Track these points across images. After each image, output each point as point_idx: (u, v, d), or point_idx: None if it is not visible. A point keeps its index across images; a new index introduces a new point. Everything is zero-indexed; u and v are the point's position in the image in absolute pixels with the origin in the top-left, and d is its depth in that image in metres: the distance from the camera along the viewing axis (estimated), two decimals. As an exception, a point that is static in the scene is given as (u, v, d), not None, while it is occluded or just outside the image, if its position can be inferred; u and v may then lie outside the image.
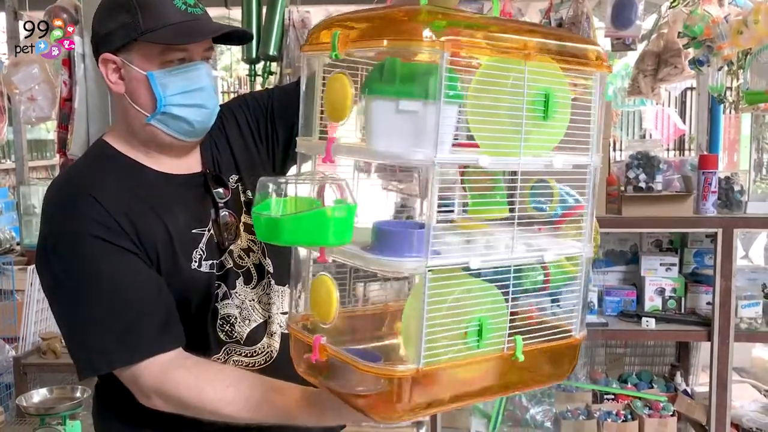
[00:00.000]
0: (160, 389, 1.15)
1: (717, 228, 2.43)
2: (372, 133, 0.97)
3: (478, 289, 0.99)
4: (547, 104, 0.96)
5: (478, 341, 0.97)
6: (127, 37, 1.19)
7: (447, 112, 0.93)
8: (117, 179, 1.24)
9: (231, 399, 1.13)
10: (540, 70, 0.97)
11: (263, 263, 1.34)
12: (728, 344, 2.47)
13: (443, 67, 0.87)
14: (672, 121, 6.77)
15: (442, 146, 0.92)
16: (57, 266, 1.18)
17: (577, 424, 2.64)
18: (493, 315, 0.99)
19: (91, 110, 3.01)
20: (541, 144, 1.00)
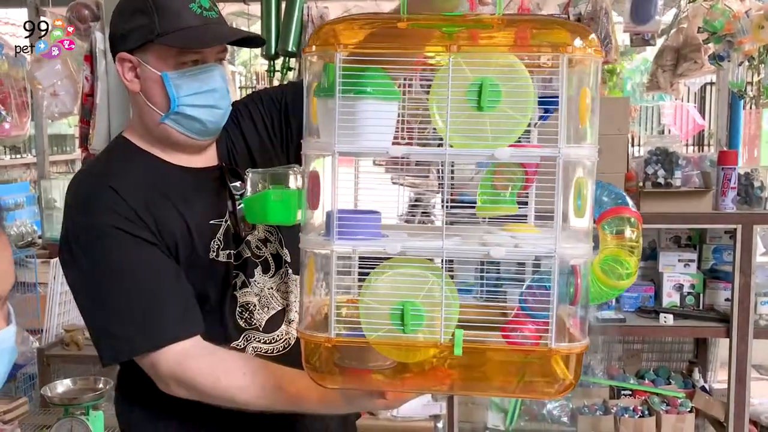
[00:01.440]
0: (178, 376, 1.18)
1: (736, 224, 2.41)
2: (319, 128, 1.07)
3: (419, 276, 1.01)
4: (480, 94, 0.95)
5: (402, 325, 0.99)
6: (143, 38, 1.23)
7: (382, 108, 1.03)
8: (136, 173, 1.27)
9: (246, 386, 1.16)
10: (484, 61, 0.96)
11: (281, 253, 1.37)
12: (747, 341, 2.45)
13: (338, 66, 0.98)
14: (691, 117, 6.72)
15: (360, 138, 1.01)
16: (79, 257, 1.21)
17: (594, 420, 2.63)
18: (431, 303, 0.99)
19: (113, 105, 3.05)
20: (501, 135, 0.97)
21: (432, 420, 2.37)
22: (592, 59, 0.98)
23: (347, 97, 1.01)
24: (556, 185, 0.97)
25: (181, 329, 1.19)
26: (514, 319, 1.06)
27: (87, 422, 2.29)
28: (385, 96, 1.04)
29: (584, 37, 0.97)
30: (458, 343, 1.00)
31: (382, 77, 1.03)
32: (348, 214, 1.06)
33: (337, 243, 1.02)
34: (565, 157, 0.97)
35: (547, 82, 1.03)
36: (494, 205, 1.09)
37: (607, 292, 1.03)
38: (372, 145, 1.04)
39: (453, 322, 1.01)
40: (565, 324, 1.03)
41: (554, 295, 0.98)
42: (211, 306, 1.27)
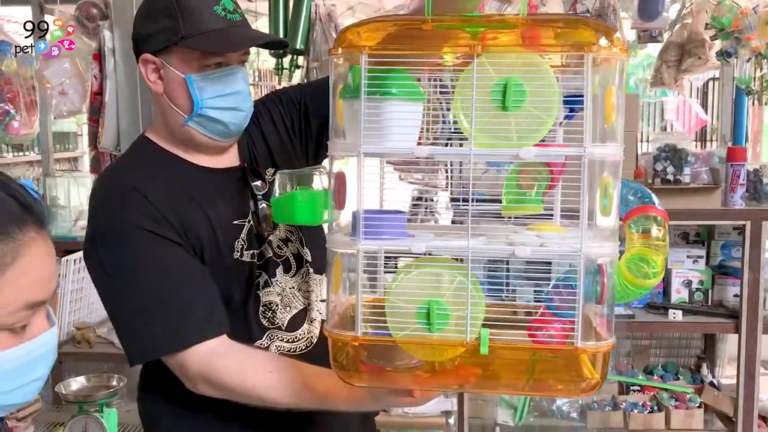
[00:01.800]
0: (206, 375, 1.19)
1: (745, 220, 2.43)
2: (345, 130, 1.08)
3: (445, 275, 1.02)
4: (504, 94, 0.96)
5: (428, 324, 1.00)
6: (167, 41, 1.23)
7: (407, 108, 1.04)
8: (161, 174, 1.28)
9: (274, 385, 1.17)
10: (509, 61, 0.97)
11: (302, 253, 1.38)
12: (756, 336, 2.47)
13: (363, 68, 0.99)
14: (694, 112, 6.72)
15: (385, 139, 1.02)
16: (106, 258, 1.22)
17: (603, 415, 2.65)
18: (458, 302, 1.00)
19: (121, 104, 3.06)
20: (525, 135, 0.97)
21: (444, 416, 2.38)
22: (617, 58, 0.99)
23: (373, 98, 1.02)
24: (582, 184, 0.98)
25: (209, 328, 1.20)
26: (540, 318, 1.07)
27: (101, 419, 2.30)
28: (410, 97, 1.05)
29: (609, 36, 0.98)
30: (484, 342, 1.01)
31: (407, 78, 1.05)
32: (374, 214, 1.07)
33: (364, 242, 1.03)
34: (590, 156, 0.97)
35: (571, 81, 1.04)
36: (520, 204, 1.10)
37: (634, 291, 1.04)
38: (397, 146, 1.05)
39: (478, 321, 1.03)
40: (592, 323, 1.04)
41: (580, 294, 0.99)
42: (236, 305, 1.28)
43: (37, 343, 0.80)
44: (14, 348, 0.78)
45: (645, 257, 1.03)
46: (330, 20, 3.03)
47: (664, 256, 1.04)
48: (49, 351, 0.82)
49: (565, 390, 1.07)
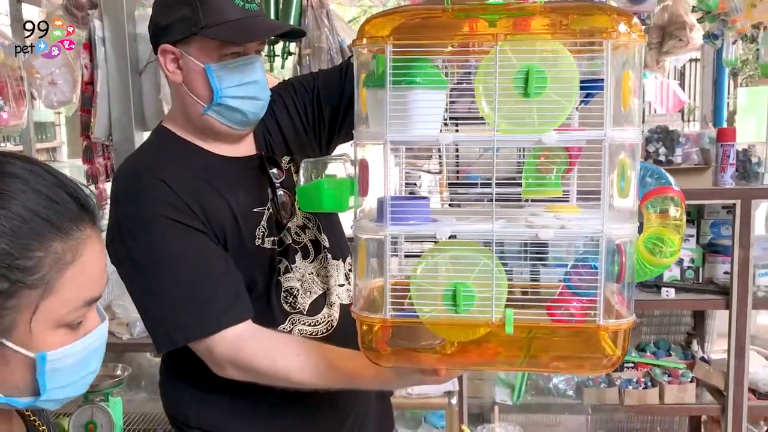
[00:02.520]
0: (235, 359, 1.21)
1: (735, 199, 2.49)
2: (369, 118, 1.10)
3: (469, 257, 1.04)
4: (527, 81, 0.98)
5: (454, 306, 1.03)
6: (186, 31, 1.24)
7: (431, 96, 1.06)
8: (182, 163, 1.30)
9: (301, 366, 1.20)
10: (528, 48, 0.99)
11: (319, 239, 1.40)
12: (746, 312, 2.54)
13: (388, 59, 1.01)
14: (673, 93, 6.80)
15: (410, 127, 1.04)
16: (131, 247, 1.23)
17: (599, 392, 2.71)
18: (483, 284, 1.03)
19: (113, 93, 3.04)
20: (547, 120, 1.00)
21: (446, 396, 2.42)
22: (636, 44, 1.01)
23: (397, 87, 1.04)
24: (603, 168, 1.00)
25: (235, 314, 1.22)
26: (559, 297, 1.10)
27: (108, 409, 2.32)
28: (434, 85, 1.07)
29: (628, 22, 1.01)
30: (509, 322, 1.04)
31: (431, 67, 1.07)
32: (399, 200, 1.10)
33: (391, 228, 1.06)
34: (610, 140, 1.00)
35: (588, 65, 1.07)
36: (539, 188, 1.13)
37: (651, 269, 1.08)
38: (422, 134, 1.08)
39: (502, 301, 1.06)
40: (611, 301, 1.08)
41: (602, 274, 1.02)
42: (259, 292, 1.30)
43: (92, 338, 0.81)
44: (73, 344, 0.79)
45: (662, 236, 1.07)
46: (322, 6, 3.03)
47: (681, 235, 1.08)
48: (102, 344, 0.83)
49: (588, 366, 1.11)
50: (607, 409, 2.74)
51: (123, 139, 3.06)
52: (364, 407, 1.43)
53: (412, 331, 1.11)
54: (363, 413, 1.43)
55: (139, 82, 3.06)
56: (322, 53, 3.00)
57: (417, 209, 1.12)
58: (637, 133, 1.04)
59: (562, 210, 1.14)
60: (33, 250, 0.73)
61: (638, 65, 1.04)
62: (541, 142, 1.02)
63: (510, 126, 1.03)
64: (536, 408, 2.82)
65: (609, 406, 2.72)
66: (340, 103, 1.43)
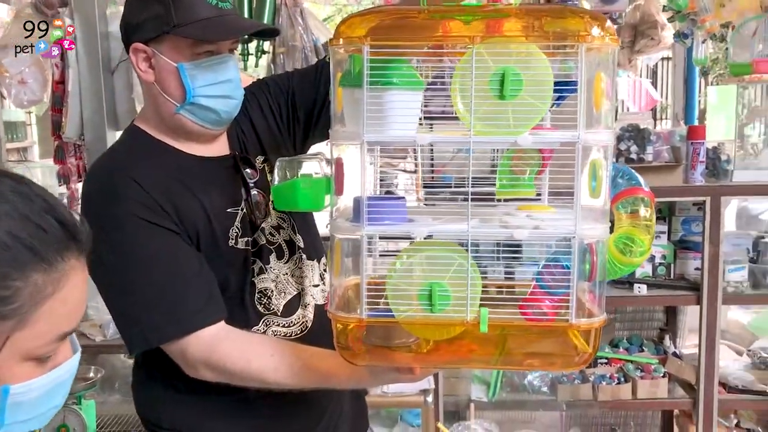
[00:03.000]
0: (208, 360, 1.21)
1: (705, 196, 2.52)
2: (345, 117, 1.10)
3: (444, 257, 1.05)
4: (502, 83, 0.98)
5: (430, 305, 1.04)
6: (159, 29, 1.23)
7: (407, 97, 1.06)
8: (154, 162, 1.29)
9: (276, 367, 1.19)
10: (504, 51, 1.00)
11: (294, 239, 1.40)
12: (716, 307, 2.58)
13: (365, 59, 1.01)
14: (646, 92, 6.89)
15: (387, 127, 1.04)
16: (103, 248, 1.21)
17: (573, 388, 2.74)
18: (458, 283, 1.04)
19: (84, 92, 3.01)
20: (521, 122, 1.00)
21: (422, 394, 2.43)
22: (609, 47, 1.02)
23: (374, 87, 1.04)
24: (576, 170, 1.01)
25: (209, 314, 1.22)
26: (531, 296, 1.11)
27: (80, 411, 2.29)
28: (410, 86, 1.08)
29: (601, 26, 1.01)
30: (484, 321, 1.04)
31: (407, 67, 1.08)
32: (375, 200, 1.10)
33: (367, 228, 1.06)
34: (583, 142, 1.01)
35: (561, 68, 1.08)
36: (513, 189, 1.14)
37: (622, 268, 1.09)
38: (399, 134, 1.08)
39: (476, 300, 1.07)
40: (582, 300, 1.09)
41: (574, 273, 1.03)
42: (232, 292, 1.30)
43: (60, 371, 0.77)
44: (38, 378, 0.75)
45: (633, 236, 1.08)
46: (296, 5, 3.02)
47: (652, 235, 1.09)
48: (71, 377, 0.79)
49: (560, 364, 1.12)
50: (581, 405, 2.77)
51: (95, 138, 3.03)
52: (338, 407, 1.43)
53: (386, 329, 1.12)
54: (337, 413, 1.43)
55: (111, 81, 3.03)
56: (297, 52, 2.99)
57: (393, 209, 1.12)
58: (609, 134, 1.05)
59: (536, 210, 1.15)
60: (12, 279, 0.69)
61: (611, 68, 1.05)
62: (516, 143, 1.03)
63: (486, 128, 1.03)
64: (511, 405, 2.84)
65: (583, 401, 2.74)
66: (315, 103, 1.43)
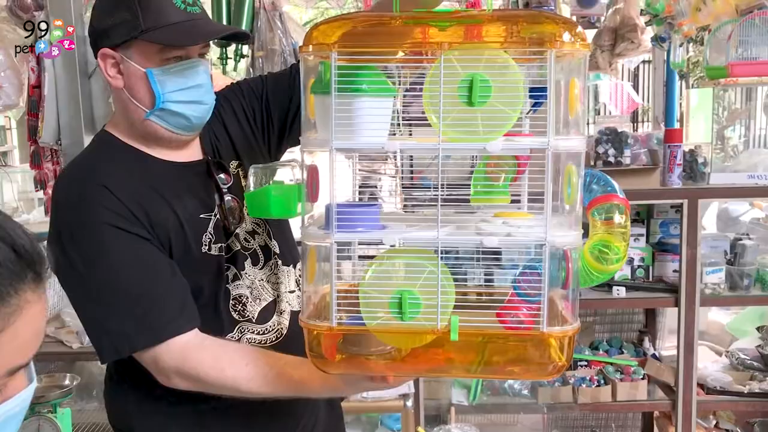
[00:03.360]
0: (181, 369, 1.19)
1: (683, 199, 2.54)
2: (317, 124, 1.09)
3: (415, 264, 1.04)
4: (471, 90, 0.98)
5: (400, 313, 1.03)
6: (127, 35, 1.22)
7: (377, 104, 1.06)
8: (125, 168, 1.27)
9: (250, 376, 1.18)
10: (473, 57, 0.99)
11: (269, 245, 1.39)
12: (694, 309, 2.59)
13: (333, 66, 1.00)
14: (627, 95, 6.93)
15: (357, 134, 1.04)
16: (74, 256, 1.20)
17: (553, 391, 2.74)
18: (429, 291, 1.03)
19: (61, 96, 2.97)
20: (492, 129, 1.00)
21: (402, 398, 2.43)
22: (580, 53, 1.02)
23: (344, 95, 1.03)
24: (546, 176, 1.00)
25: (181, 322, 1.20)
26: (508, 304, 1.10)
27: (55, 420, 2.26)
28: (380, 93, 1.07)
29: (572, 32, 1.01)
30: (454, 329, 1.03)
31: (377, 74, 1.07)
32: (347, 207, 1.09)
33: (337, 235, 1.05)
34: (554, 148, 1.00)
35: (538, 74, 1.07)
36: (488, 195, 1.13)
37: (597, 276, 1.08)
38: (368, 141, 1.07)
39: (449, 308, 1.06)
40: (558, 307, 1.09)
41: (546, 281, 1.02)
42: (206, 299, 1.28)
43: (9, 405, 0.72)
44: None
45: (608, 243, 1.08)
46: (274, 9, 3.01)
47: (627, 243, 1.08)
48: (23, 410, 0.74)
49: (534, 373, 1.11)
50: (562, 408, 2.77)
51: (72, 143, 2.99)
52: (312, 415, 1.42)
53: (362, 337, 1.11)
54: (312, 421, 1.42)
55: (88, 85, 3.00)
56: (275, 55, 2.98)
57: (365, 216, 1.11)
58: (581, 141, 1.04)
59: (513, 216, 1.15)
60: None
61: (583, 74, 1.05)
62: (486, 150, 1.02)
63: (456, 134, 1.03)
64: (492, 408, 2.84)
65: (563, 404, 2.75)
66: (290, 107, 1.42)
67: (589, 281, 1.08)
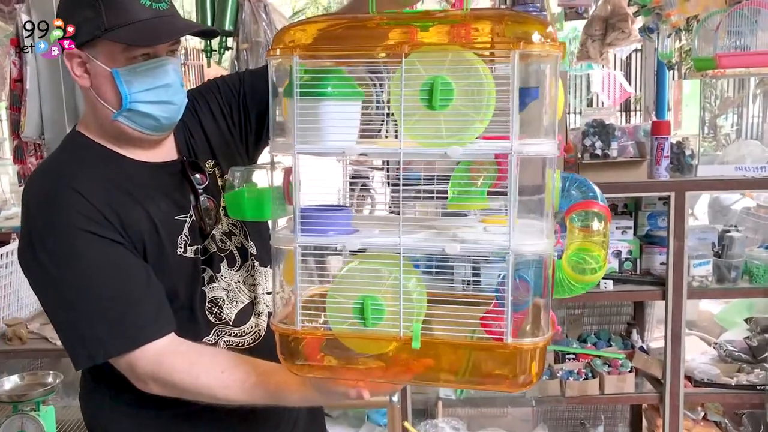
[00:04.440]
0: (156, 375, 1.17)
1: (670, 191, 2.53)
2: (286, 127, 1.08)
3: (385, 271, 1.03)
4: (431, 93, 0.95)
5: (363, 319, 1.02)
6: (90, 33, 1.18)
7: (344, 107, 1.05)
8: (97, 171, 1.24)
9: (226, 384, 1.16)
10: (439, 59, 0.96)
11: (246, 246, 1.37)
12: (682, 302, 2.59)
13: (295, 70, 1.00)
14: (619, 84, 6.91)
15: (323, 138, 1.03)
16: (45, 260, 1.18)
17: (541, 384, 2.74)
18: (396, 297, 1.02)
19: (43, 90, 2.94)
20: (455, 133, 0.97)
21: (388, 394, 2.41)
22: (551, 54, 0.97)
23: (309, 99, 1.02)
24: (509, 182, 0.96)
25: (157, 328, 1.18)
26: (491, 312, 1.07)
27: (38, 418, 2.25)
28: (346, 96, 1.05)
29: (541, 32, 0.96)
30: (416, 337, 1.02)
31: (343, 78, 1.05)
32: (316, 210, 1.08)
33: (301, 239, 1.04)
34: (518, 153, 0.96)
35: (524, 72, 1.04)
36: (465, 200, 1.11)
37: (578, 286, 1.05)
38: (334, 145, 1.05)
39: (419, 315, 1.03)
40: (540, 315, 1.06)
41: (508, 291, 0.99)
42: (181, 303, 1.26)
43: None
44: None
45: (588, 251, 1.05)
46: (259, 0, 2.98)
47: (606, 251, 1.05)
48: None
49: (505, 385, 1.06)
50: (550, 401, 2.77)
51: (56, 137, 2.96)
52: (292, 418, 1.40)
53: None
54: (291, 422, 1.41)
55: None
56: (260, 48, 2.95)
57: (336, 220, 1.10)
58: (551, 145, 1.00)
59: (496, 221, 1.12)
60: None
61: (555, 75, 1.02)
62: (446, 155, 0.99)
63: (420, 139, 1.00)
64: (480, 402, 2.84)
65: (551, 397, 2.75)
66: (268, 105, 1.40)
67: (568, 292, 1.05)
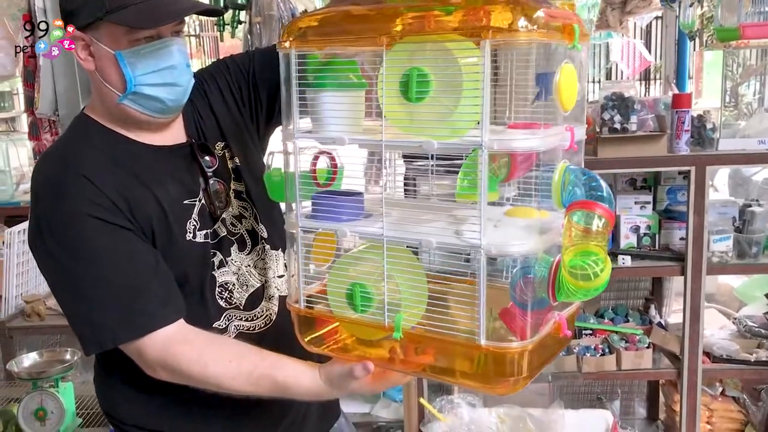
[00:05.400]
0: (165, 362, 1.17)
1: (690, 166, 2.48)
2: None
3: (375, 259, 1.05)
4: (408, 85, 0.95)
5: (353, 305, 1.05)
6: (92, 15, 1.16)
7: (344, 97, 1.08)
8: (104, 155, 1.23)
9: (234, 374, 1.16)
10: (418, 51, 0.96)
11: (256, 229, 1.36)
12: (701, 278, 2.55)
13: (293, 62, 1.06)
14: (638, 53, 6.77)
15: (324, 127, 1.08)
16: (54, 247, 1.17)
17: (557, 360, 2.72)
18: (405, 285, 1.03)
19: (57, 67, 2.93)
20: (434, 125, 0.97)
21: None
22: (524, 41, 0.93)
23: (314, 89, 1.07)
24: (481, 176, 0.94)
25: (166, 314, 1.18)
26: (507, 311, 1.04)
27: (58, 395, 2.27)
28: (347, 86, 1.07)
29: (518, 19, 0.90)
30: (398, 327, 1.03)
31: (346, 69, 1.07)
32: (327, 196, 1.10)
33: (302, 224, 1.10)
34: (489, 149, 0.93)
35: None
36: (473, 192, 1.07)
37: (580, 292, 1.01)
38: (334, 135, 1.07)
39: (419, 307, 1.04)
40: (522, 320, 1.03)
41: (481, 291, 0.97)
42: (191, 288, 1.25)
43: None
44: None
45: (587, 257, 1.00)
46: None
47: (605, 252, 1.00)
48: None
49: (493, 387, 1.05)
50: (566, 376, 2.76)
51: (70, 113, 2.96)
52: (304, 404, 1.40)
53: None
54: (303, 410, 1.40)
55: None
56: (273, 21, 2.91)
57: (349, 205, 1.09)
58: (537, 141, 0.96)
59: (517, 213, 1.09)
60: None
61: (532, 63, 0.99)
62: (422, 148, 0.98)
63: (403, 131, 1.01)
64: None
65: (568, 373, 2.73)
66: (278, 84, 1.37)
67: (571, 296, 1.01)
